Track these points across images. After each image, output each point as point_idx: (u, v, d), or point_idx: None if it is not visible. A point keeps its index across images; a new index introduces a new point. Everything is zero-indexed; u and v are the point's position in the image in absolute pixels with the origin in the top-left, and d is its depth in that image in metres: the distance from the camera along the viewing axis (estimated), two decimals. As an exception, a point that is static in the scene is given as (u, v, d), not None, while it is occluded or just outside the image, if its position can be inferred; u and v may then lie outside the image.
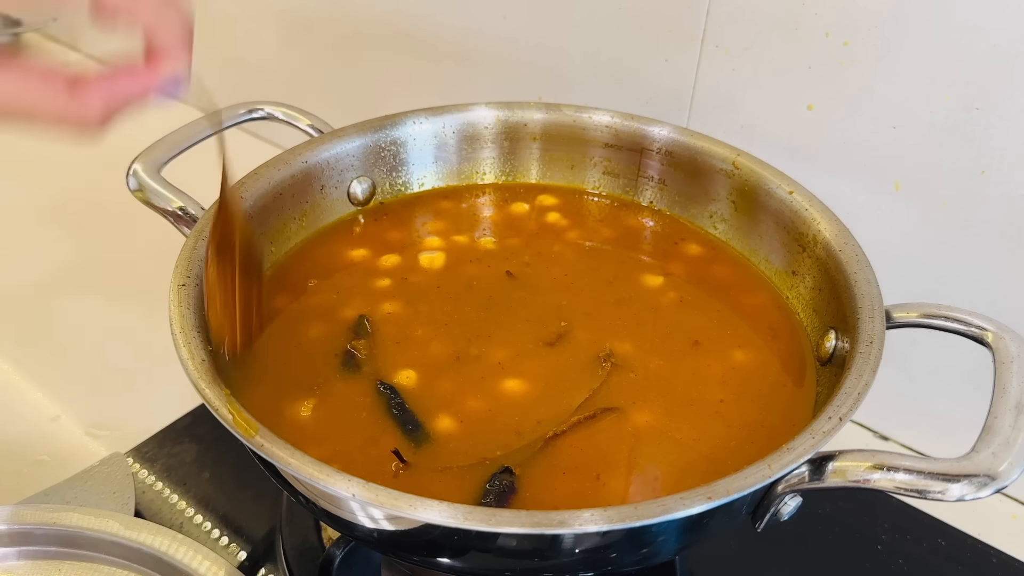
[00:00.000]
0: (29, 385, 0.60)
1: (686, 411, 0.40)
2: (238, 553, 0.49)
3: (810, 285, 0.45)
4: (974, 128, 0.48)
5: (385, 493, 0.30)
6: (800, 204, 0.46)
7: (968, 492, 0.31)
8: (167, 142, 0.48)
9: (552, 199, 0.54)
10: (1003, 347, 0.37)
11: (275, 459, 0.31)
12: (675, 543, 0.36)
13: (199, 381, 0.35)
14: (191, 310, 0.38)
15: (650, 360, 0.43)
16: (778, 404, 0.41)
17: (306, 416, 0.39)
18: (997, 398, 0.34)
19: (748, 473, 0.32)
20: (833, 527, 0.52)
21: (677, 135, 0.52)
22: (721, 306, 0.47)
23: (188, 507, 0.51)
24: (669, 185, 0.53)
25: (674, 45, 0.57)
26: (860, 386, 0.35)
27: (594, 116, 0.53)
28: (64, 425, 0.57)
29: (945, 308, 0.39)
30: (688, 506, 0.30)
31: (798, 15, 0.51)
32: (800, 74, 0.52)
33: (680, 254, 0.50)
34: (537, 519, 0.29)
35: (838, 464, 0.33)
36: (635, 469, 0.37)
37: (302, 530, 0.49)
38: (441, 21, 0.69)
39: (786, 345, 0.44)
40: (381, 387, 0.40)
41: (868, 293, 0.40)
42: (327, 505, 0.34)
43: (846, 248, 0.43)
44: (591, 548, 0.32)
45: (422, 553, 0.36)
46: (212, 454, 0.54)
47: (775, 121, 0.55)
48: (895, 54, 0.49)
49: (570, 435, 0.38)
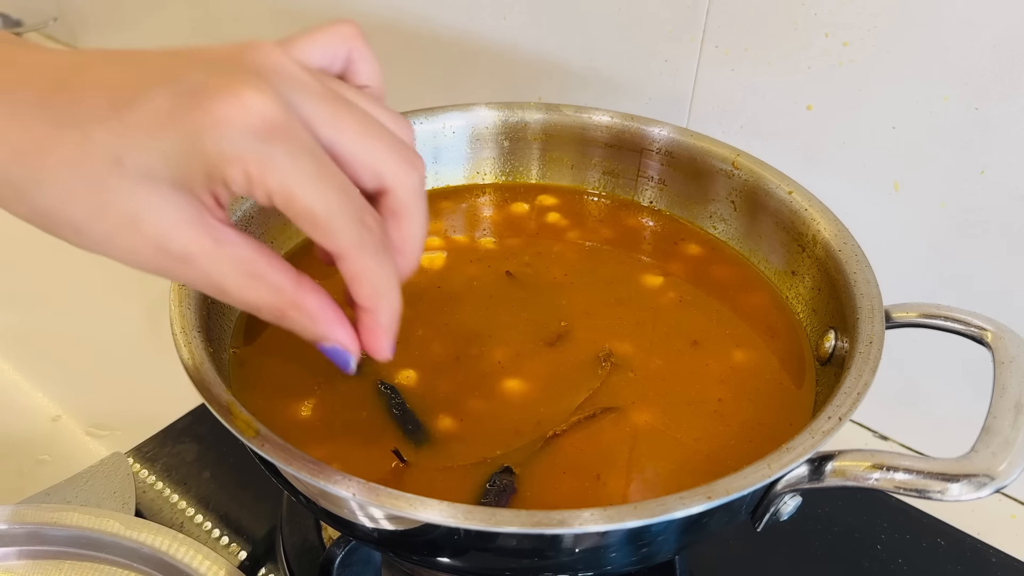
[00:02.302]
0: (30, 385, 0.60)
1: (686, 411, 0.40)
2: (238, 553, 0.49)
3: (809, 285, 0.45)
4: (973, 128, 0.48)
5: (385, 493, 0.30)
6: (799, 204, 0.46)
7: (967, 492, 0.31)
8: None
9: (552, 199, 0.54)
10: (1002, 347, 0.37)
11: (275, 459, 0.31)
12: (675, 543, 0.36)
13: (199, 381, 0.35)
14: (191, 310, 0.38)
15: (650, 360, 0.43)
16: (778, 404, 0.41)
17: (306, 416, 0.39)
18: (996, 398, 0.34)
19: (748, 473, 0.32)
20: (832, 527, 0.52)
21: (677, 135, 0.52)
22: (721, 306, 0.47)
23: (189, 507, 0.51)
24: (669, 185, 0.53)
25: (674, 45, 0.57)
26: (860, 386, 0.35)
27: (594, 116, 0.53)
28: (65, 425, 0.57)
29: (944, 308, 0.40)
30: (688, 506, 0.30)
31: (797, 16, 0.51)
32: (799, 74, 0.53)
33: (680, 254, 0.50)
34: (537, 519, 0.29)
35: (838, 464, 0.33)
36: (635, 469, 0.37)
37: (302, 530, 0.49)
38: (441, 22, 0.69)
39: (786, 345, 0.44)
40: (381, 387, 0.40)
41: (867, 293, 0.40)
42: (327, 505, 0.34)
43: (845, 248, 0.43)
44: (591, 548, 0.32)
45: (422, 553, 0.36)
46: (213, 454, 0.54)
47: (775, 121, 0.55)
48: (894, 54, 0.49)
49: (570, 435, 0.38)
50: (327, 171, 0.27)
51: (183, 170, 0.26)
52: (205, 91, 0.25)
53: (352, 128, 0.28)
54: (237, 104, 0.25)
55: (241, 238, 0.28)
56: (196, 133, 0.25)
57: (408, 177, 0.29)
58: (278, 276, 0.28)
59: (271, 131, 0.25)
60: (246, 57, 0.27)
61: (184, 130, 0.25)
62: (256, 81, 0.26)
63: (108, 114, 0.26)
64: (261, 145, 0.25)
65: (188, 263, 0.27)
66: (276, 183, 0.26)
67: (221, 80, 0.26)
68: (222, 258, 0.27)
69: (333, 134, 0.28)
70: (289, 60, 0.28)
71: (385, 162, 0.28)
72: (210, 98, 0.25)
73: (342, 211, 0.27)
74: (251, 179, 0.26)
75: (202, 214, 0.27)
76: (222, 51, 0.28)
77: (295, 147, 0.26)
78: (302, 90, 0.27)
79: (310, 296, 0.29)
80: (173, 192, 0.26)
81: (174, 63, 0.27)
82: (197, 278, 0.28)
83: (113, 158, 0.26)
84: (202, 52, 0.28)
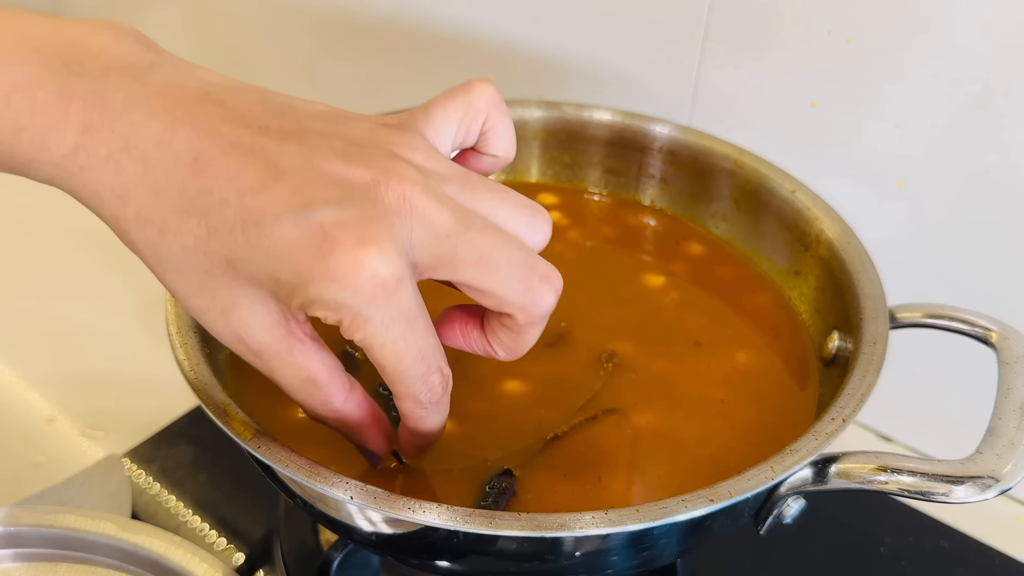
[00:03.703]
0: (25, 386, 0.60)
1: (688, 412, 0.40)
2: (236, 555, 0.49)
3: (813, 285, 0.45)
4: (978, 127, 0.48)
5: (383, 496, 0.30)
6: (803, 203, 0.46)
7: (972, 494, 0.31)
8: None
9: (552, 198, 0.54)
10: (1008, 348, 0.37)
11: (272, 461, 0.31)
12: (677, 546, 0.36)
13: (195, 382, 0.34)
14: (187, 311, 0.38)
15: (652, 361, 0.42)
16: (781, 405, 0.41)
17: (303, 418, 0.39)
18: (1001, 399, 0.34)
19: (751, 475, 0.31)
20: (835, 529, 0.51)
21: (679, 133, 0.51)
22: (723, 306, 0.47)
23: (185, 509, 0.51)
24: (671, 184, 0.52)
25: (676, 42, 0.57)
26: (864, 387, 0.35)
27: (595, 114, 0.53)
28: (60, 426, 0.57)
29: (949, 308, 0.39)
30: (690, 509, 0.30)
31: (800, 12, 0.51)
32: (803, 72, 0.52)
33: (682, 254, 0.50)
34: (537, 522, 0.29)
35: (842, 466, 0.33)
36: (636, 471, 0.37)
37: (300, 533, 0.49)
38: (441, 19, 0.69)
39: (789, 345, 0.44)
40: (380, 389, 0.40)
41: (872, 293, 0.40)
42: (325, 508, 0.34)
43: (849, 247, 0.42)
44: (592, 551, 0.32)
45: (421, 556, 0.36)
46: (209, 456, 0.54)
47: (777, 119, 0.54)
48: (898, 52, 0.48)
49: (571, 437, 0.38)
50: (411, 337, 0.28)
51: (285, 294, 0.27)
52: (329, 240, 0.26)
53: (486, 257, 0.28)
54: (355, 266, 0.26)
55: (314, 352, 0.30)
56: (309, 275, 0.26)
57: (537, 306, 0.30)
58: (332, 392, 0.31)
59: (377, 296, 0.26)
60: (391, 166, 0.28)
61: (299, 269, 0.26)
62: (385, 235, 0.26)
63: (233, 224, 0.26)
64: (364, 305, 0.26)
65: (258, 357, 0.29)
66: (361, 337, 0.27)
67: (349, 230, 0.26)
68: (289, 364, 0.29)
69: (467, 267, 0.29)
70: (431, 159, 0.29)
71: (513, 291, 0.29)
72: (332, 249, 0.26)
73: (412, 370, 0.29)
74: (341, 325, 0.27)
75: (288, 324, 0.29)
76: (367, 139, 0.29)
77: (391, 313, 0.27)
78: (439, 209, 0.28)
79: (355, 414, 0.32)
80: (269, 299, 0.28)
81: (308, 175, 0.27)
82: (262, 368, 0.30)
83: (227, 260, 0.27)
84: (342, 136, 0.29)
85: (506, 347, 0.32)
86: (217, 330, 0.29)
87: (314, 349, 0.30)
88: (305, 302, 0.27)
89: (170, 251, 0.28)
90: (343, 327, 0.27)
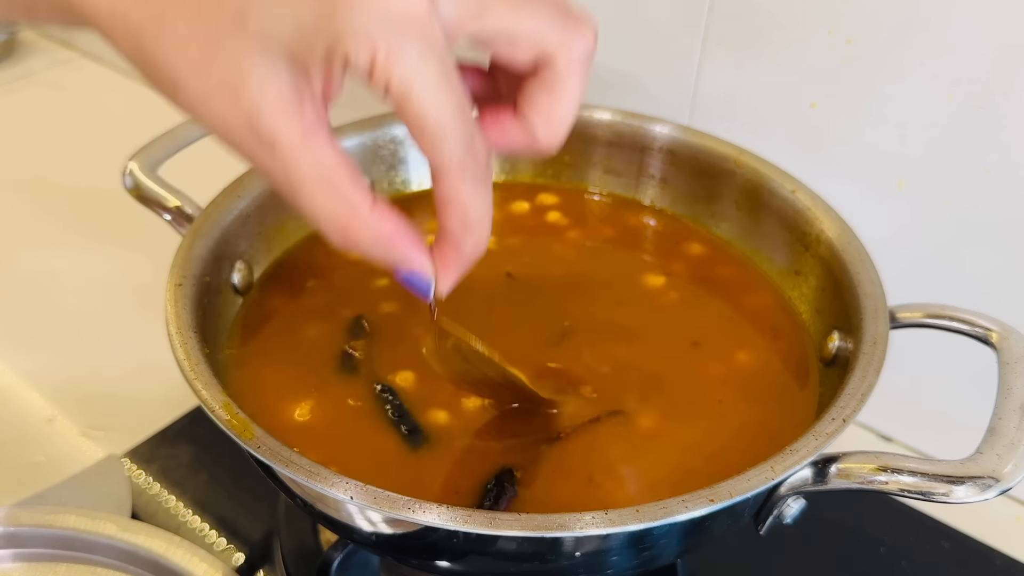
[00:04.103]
0: (24, 386, 0.60)
1: (688, 412, 0.40)
2: (236, 556, 0.49)
3: (813, 285, 0.45)
4: (978, 127, 0.47)
5: (383, 496, 0.30)
6: (803, 203, 0.46)
7: (972, 494, 0.31)
8: (164, 140, 0.48)
9: (552, 198, 0.54)
10: (1008, 348, 0.37)
11: (272, 461, 0.31)
12: (677, 546, 0.36)
13: (195, 382, 0.34)
14: (187, 310, 0.38)
15: (652, 361, 0.42)
16: (781, 405, 0.41)
17: (303, 418, 0.39)
18: (1001, 399, 0.34)
19: (751, 475, 0.31)
20: (836, 529, 0.51)
21: (679, 133, 0.51)
22: (723, 306, 0.46)
23: (185, 509, 0.51)
24: (671, 184, 0.52)
25: (676, 42, 0.57)
26: (864, 387, 0.35)
27: (595, 114, 0.53)
28: (60, 426, 0.57)
29: (949, 308, 0.39)
30: (690, 509, 0.30)
31: (800, 12, 0.51)
32: (803, 72, 0.52)
33: (682, 254, 0.50)
34: (537, 522, 0.29)
35: (842, 466, 0.33)
36: (636, 471, 0.37)
37: (300, 533, 0.49)
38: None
39: (789, 345, 0.44)
40: (379, 388, 0.40)
41: (872, 293, 0.40)
42: (324, 508, 0.34)
43: (849, 247, 0.42)
44: (592, 551, 0.32)
45: (421, 556, 0.36)
46: (209, 456, 0.54)
47: (778, 119, 0.54)
48: (898, 52, 0.48)
49: (571, 437, 0.38)
50: (451, 82, 0.25)
51: (307, 40, 0.24)
52: None
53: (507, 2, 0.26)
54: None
55: (329, 141, 0.27)
56: (333, 5, 0.24)
57: (573, 44, 0.27)
58: (357, 192, 0.27)
59: (411, 23, 0.24)
60: None
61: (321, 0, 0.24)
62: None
63: None
64: (397, 34, 0.24)
65: (271, 150, 0.26)
66: (399, 77, 0.24)
67: None
68: (305, 155, 0.26)
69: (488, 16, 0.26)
70: None
71: (549, 26, 0.27)
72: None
73: (454, 126, 0.26)
74: (375, 64, 0.24)
75: (303, 100, 0.26)
76: None
77: (428, 46, 0.24)
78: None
79: (387, 219, 0.28)
80: (284, 65, 0.25)
81: None
82: (275, 170, 0.26)
83: (238, 12, 0.25)
84: None
85: (545, 116, 0.28)
86: (224, 116, 0.26)
87: (328, 137, 0.27)
88: (331, 41, 0.24)
89: (172, 24, 0.25)
90: (376, 66, 0.24)
